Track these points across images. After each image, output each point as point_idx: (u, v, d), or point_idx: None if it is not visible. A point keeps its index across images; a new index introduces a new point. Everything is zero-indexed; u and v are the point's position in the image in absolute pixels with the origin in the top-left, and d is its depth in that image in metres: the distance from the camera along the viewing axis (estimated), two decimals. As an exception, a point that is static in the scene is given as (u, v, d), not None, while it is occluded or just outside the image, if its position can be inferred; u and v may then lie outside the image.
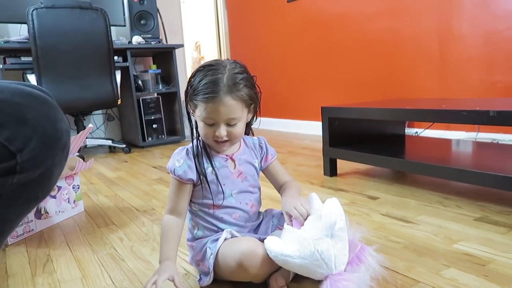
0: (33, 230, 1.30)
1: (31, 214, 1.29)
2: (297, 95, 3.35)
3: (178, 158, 0.87)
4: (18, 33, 2.81)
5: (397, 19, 2.44)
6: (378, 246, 0.85)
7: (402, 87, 2.47)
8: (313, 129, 3.09)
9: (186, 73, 3.79)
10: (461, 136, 2.16)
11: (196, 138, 0.89)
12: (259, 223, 0.95)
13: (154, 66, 3.24)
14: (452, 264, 0.90)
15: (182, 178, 0.86)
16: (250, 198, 0.91)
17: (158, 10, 3.18)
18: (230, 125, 0.82)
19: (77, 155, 1.53)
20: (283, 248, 0.76)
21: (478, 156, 1.54)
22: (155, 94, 3.18)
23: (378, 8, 2.54)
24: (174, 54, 3.13)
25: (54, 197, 1.39)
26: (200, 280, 0.88)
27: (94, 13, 2.49)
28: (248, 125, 0.93)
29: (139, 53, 3.23)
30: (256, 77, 0.87)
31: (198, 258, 0.89)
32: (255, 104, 0.87)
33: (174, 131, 3.32)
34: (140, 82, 3.04)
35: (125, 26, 3.10)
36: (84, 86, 2.53)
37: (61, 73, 2.44)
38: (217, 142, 0.84)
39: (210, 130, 0.83)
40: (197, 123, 0.86)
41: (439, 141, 1.83)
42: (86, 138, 2.54)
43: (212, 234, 0.88)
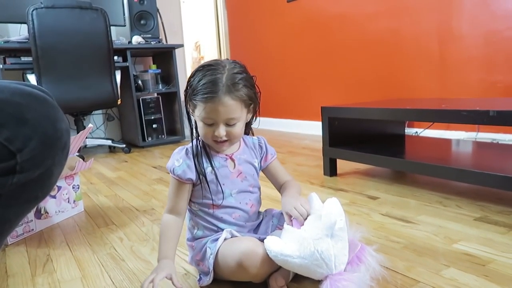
0: (33, 230, 1.30)
1: (31, 214, 1.29)
2: (297, 95, 3.35)
3: (178, 158, 0.87)
4: (18, 33, 2.81)
5: (397, 19, 2.44)
6: (378, 246, 0.85)
7: (402, 87, 2.47)
8: (313, 129, 3.09)
9: (186, 73, 3.79)
10: (461, 136, 2.16)
11: (195, 138, 0.89)
12: (259, 223, 0.95)
13: (154, 66, 3.24)
14: (452, 264, 0.90)
15: (181, 178, 0.86)
16: (250, 198, 0.91)
17: (158, 10, 3.18)
18: (229, 125, 0.82)
19: (77, 155, 1.53)
20: (283, 248, 0.76)
21: (478, 156, 1.54)
22: (155, 94, 3.18)
23: (378, 8, 2.54)
24: (174, 54, 3.13)
25: (54, 197, 1.39)
26: (200, 280, 0.88)
27: (94, 13, 2.49)
28: (248, 125, 0.93)
29: (139, 53, 3.23)
30: (255, 77, 0.87)
31: (198, 258, 0.89)
32: (255, 104, 0.87)
33: (174, 131, 3.32)
34: (140, 82, 3.04)
35: (125, 26, 3.10)
36: (84, 86, 2.53)
37: (61, 73, 2.44)
38: (216, 142, 0.85)
39: (209, 130, 0.83)
40: (196, 123, 0.86)
41: (439, 141, 1.83)
42: (86, 138, 2.54)
43: (212, 234, 0.88)
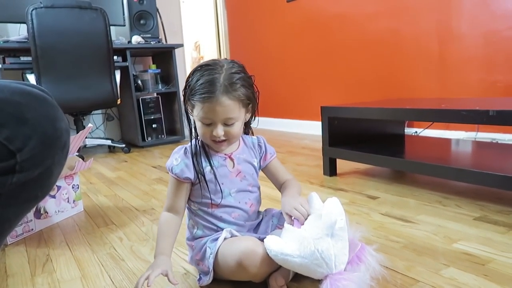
0: (32, 229, 1.30)
1: (31, 214, 1.29)
2: (297, 95, 3.35)
3: (176, 157, 0.88)
4: (18, 32, 2.81)
5: (397, 19, 2.44)
6: (378, 245, 0.85)
7: (402, 87, 2.47)
8: (313, 129, 3.09)
9: (186, 73, 3.78)
10: (460, 135, 2.16)
11: (194, 138, 0.89)
12: (259, 223, 0.95)
13: (153, 66, 3.24)
14: (451, 263, 0.90)
15: (179, 177, 0.86)
16: (249, 197, 0.91)
17: (157, 10, 3.18)
18: (227, 124, 0.83)
19: (76, 155, 1.53)
20: (283, 247, 0.76)
21: (478, 155, 1.54)
22: (155, 94, 3.18)
23: (378, 8, 2.54)
24: (173, 54, 3.13)
25: (53, 196, 1.39)
26: (199, 279, 0.88)
27: (93, 13, 2.48)
28: (247, 124, 0.93)
29: (139, 53, 3.23)
30: (254, 76, 0.87)
31: (197, 257, 0.89)
32: (253, 104, 0.87)
33: (174, 131, 3.32)
34: (139, 82, 3.04)
35: (124, 26, 3.10)
36: (83, 86, 2.53)
37: (60, 73, 2.44)
38: (215, 141, 0.85)
39: (207, 129, 0.83)
40: (195, 123, 0.86)
41: (439, 140, 1.83)
42: (86, 137, 2.53)
43: (211, 233, 0.88)
